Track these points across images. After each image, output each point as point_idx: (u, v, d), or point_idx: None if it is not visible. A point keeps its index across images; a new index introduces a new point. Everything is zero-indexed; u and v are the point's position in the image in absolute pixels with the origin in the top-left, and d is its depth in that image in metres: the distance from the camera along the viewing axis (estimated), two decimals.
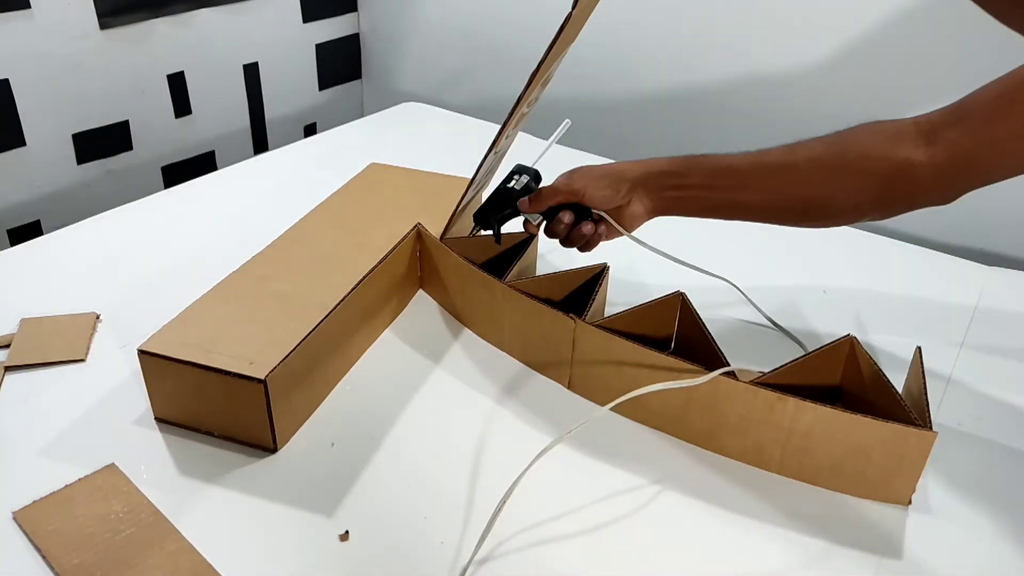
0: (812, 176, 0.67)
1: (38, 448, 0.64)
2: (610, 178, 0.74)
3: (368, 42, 1.64)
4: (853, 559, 0.58)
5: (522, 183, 0.79)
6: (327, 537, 0.58)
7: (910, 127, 0.63)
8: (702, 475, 0.65)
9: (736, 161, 0.71)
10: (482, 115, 1.40)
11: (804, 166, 0.67)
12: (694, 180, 0.72)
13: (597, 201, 0.74)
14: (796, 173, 0.68)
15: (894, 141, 0.63)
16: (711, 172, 0.72)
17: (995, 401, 0.74)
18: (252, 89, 1.46)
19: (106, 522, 0.57)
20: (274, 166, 1.19)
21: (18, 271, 0.89)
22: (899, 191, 0.64)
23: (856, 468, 0.62)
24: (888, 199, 0.65)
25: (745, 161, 0.70)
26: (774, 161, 0.69)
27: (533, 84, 0.72)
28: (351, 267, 0.76)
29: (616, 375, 0.69)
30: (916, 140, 0.62)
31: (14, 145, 1.15)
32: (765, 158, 0.69)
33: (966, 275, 0.95)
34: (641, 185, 0.74)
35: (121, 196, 1.10)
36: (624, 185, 0.74)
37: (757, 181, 0.70)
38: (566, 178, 0.76)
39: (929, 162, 0.61)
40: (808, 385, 0.65)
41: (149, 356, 0.64)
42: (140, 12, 1.24)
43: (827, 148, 0.67)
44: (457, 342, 0.80)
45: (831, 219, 0.70)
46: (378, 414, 0.70)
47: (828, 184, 0.67)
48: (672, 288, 0.73)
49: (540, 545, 0.58)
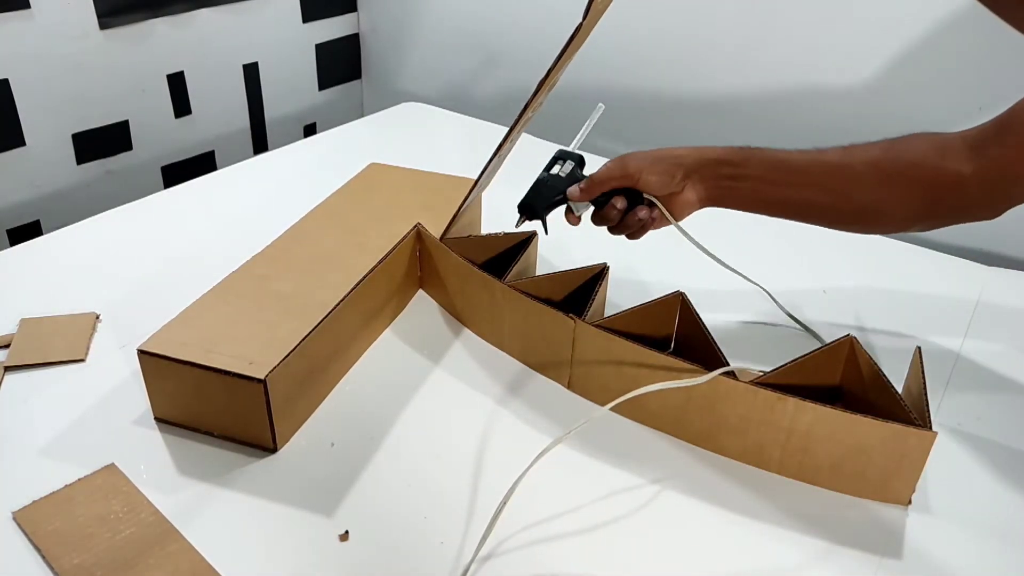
0: (867, 180, 0.66)
1: (38, 448, 0.64)
2: (666, 163, 0.72)
3: (368, 42, 1.64)
4: (853, 559, 0.58)
5: (567, 169, 0.75)
6: (327, 537, 0.58)
7: (957, 140, 0.63)
8: (702, 475, 0.65)
9: (793, 157, 0.69)
10: (482, 115, 1.40)
11: (860, 169, 0.66)
12: (750, 171, 0.70)
13: (652, 186, 0.72)
14: (852, 175, 0.67)
15: (942, 154, 0.63)
16: (768, 165, 0.70)
17: (995, 401, 0.74)
18: (252, 89, 1.46)
19: (106, 522, 0.57)
20: (274, 166, 1.19)
21: (18, 271, 0.89)
22: (947, 203, 0.64)
23: (856, 468, 0.62)
24: (937, 210, 0.65)
25: (803, 158, 0.69)
26: (832, 161, 0.68)
27: (541, 90, 0.72)
28: (351, 267, 0.76)
29: (616, 375, 0.69)
30: (963, 153, 0.62)
31: (14, 145, 1.15)
32: (823, 157, 0.68)
33: (966, 275, 0.95)
34: (696, 172, 0.72)
35: (121, 196, 1.10)
36: (680, 171, 0.71)
37: (814, 179, 0.68)
38: (619, 163, 0.73)
39: (975, 175, 0.61)
40: (808, 385, 0.65)
41: (149, 356, 0.64)
42: (140, 12, 1.24)
43: (882, 153, 0.66)
44: (457, 342, 0.80)
45: (882, 226, 0.69)
46: (378, 414, 0.70)
47: (881, 190, 0.66)
48: (672, 288, 0.73)
49: (541, 545, 0.58)
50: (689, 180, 0.72)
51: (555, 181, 0.75)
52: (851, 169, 0.67)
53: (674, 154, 0.72)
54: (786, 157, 0.70)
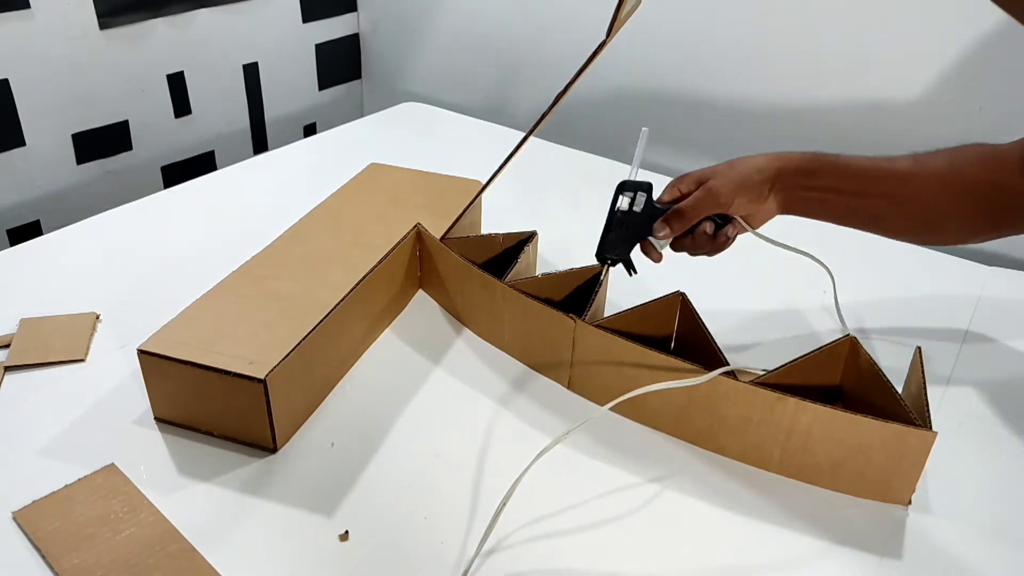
0: (935, 193, 0.66)
1: (38, 448, 0.64)
2: (751, 183, 0.70)
3: (368, 42, 1.64)
4: (853, 559, 0.58)
5: (640, 203, 0.71)
6: (327, 537, 0.58)
7: (1012, 153, 0.63)
8: (702, 475, 0.65)
9: (865, 166, 0.68)
10: (482, 115, 1.40)
11: (930, 181, 0.66)
12: (824, 182, 0.69)
13: (742, 208, 0.70)
14: (922, 187, 0.66)
15: (1000, 166, 0.63)
16: (841, 174, 0.69)
17: (995, 401, 0.74)
18: (252, 89, 1.46)
19: (106, 522, 0.57)
20: (274, 166, 1.19)
21: (18, 271, 0.89)
22: (1007, 217, 0.64)
23: (856, 468, 0.62)
24: (997, 222, 0.65)
25: (874, 167, 0.68)
26: (903, 170, 0.67)
27: (556, 104, 0.72)
28: (351, 267, 0.76)
29: (616, 375, 0.69)
30: (1018, 167, 0.62)
31: (14, 145, 1.15)
32: (894, 166, 0.67)
33: (966, 275, 0.95)
34: (777, 182, 0.70)
35: (121, 196, 1.10)
36: (765, 187, 0.70)
37: (886, 190, 0.68)
38: (706, 193, 0.69)
39: None
40: (808, 385, 0.65)
41: (149, 356, 0.64)
42: (140, 12, 1.23)
43: (946, 165, 0.66)
44: (457, 342, 0.80)
45: (949, 236, 0.69)
46: (378, 414, 0.70)
47: (947, 203, 0.66)
48: (672, 288, 0.73)
49: (542, 544, 0.58)
50: (772, 192, 0.71)
51: (631, 218, 0.71)
52: (921, 180, 0.66)
53: (755, 168, 0.70)
54: (859, 166, 0.69)
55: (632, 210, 0.71)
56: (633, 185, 0.72)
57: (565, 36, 1.35)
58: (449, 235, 0.84)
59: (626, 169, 0.74)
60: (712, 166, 0.72)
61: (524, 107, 1.45)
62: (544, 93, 0.80)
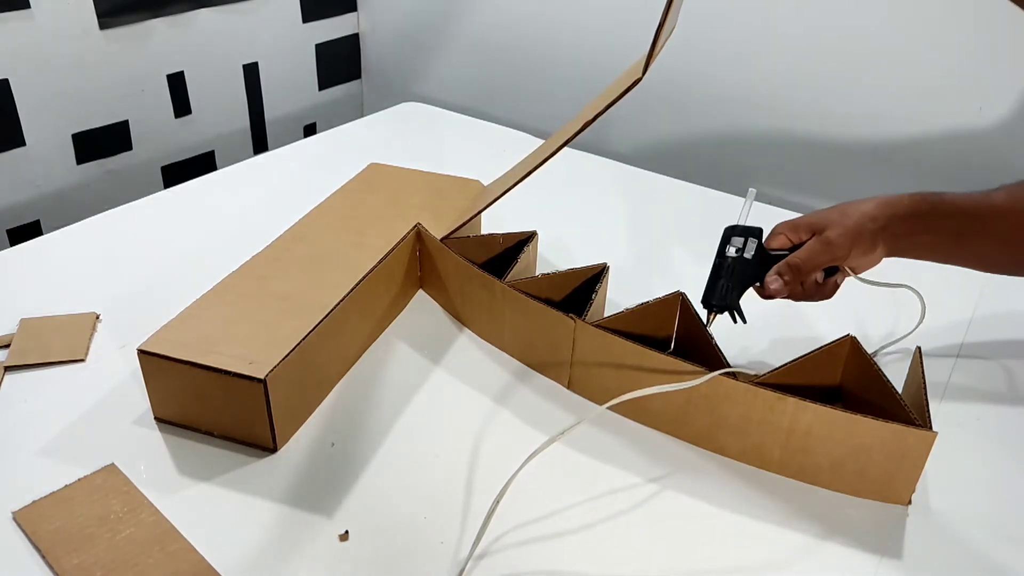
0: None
1: (38, 448, 0.64)
2: (866, 232, 0.68)
3: (368, 42, 1.64)
4: (853, 559, 0.58)
5: (751, 250, 0.69)
6: (327, 537, 0.58)
7: None
8: (702, 475, 0.65)
9: (966, 204, 0.68)
10: (482, 115, 1.40)
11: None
12: (931, 224, 0.68)
13: (856, 260, 0.69)
14: (1017, 221, 0.66)
15: None
16: (945, 215, 0.68)
17: (995, 401, 0.74)
18: (252, 89, 1.46)
19: (106, 522, 0.57)
20: (274, 166, 1.19)
21: (18, 271, 0.89)
22: None
23: (856, 468, 0.62)
24: None
25: (974, 204, 0.68)
26: (1000, 205, 0.67)
27: (583, 130, 0.72)
28: (351, 267, 0.76)
29: (616, 375, 0.69)
30: None
31: (14, 145, 1.15)
32: (991, 201, 0.67)
33: (966, 275, 0.95)
34: (888, 230, 0.69)
35: (121, 196, 1.10)
36: (878, 236, 0.68)
37: (988, 228, 0.68)
38: (823, 246, 0.68)
39: None
40: (808, 385, 0.65)
41: (149, 356, 0.64)
42: (140, 12, 1.24)
43: None
44: (457, 342, 0.80)
45: None
46: (378, 414, 0.70)
47: None
48: (671, 288, 0.73)
49: (539, 544, 0.58)
50: (882, 238, 0.69)
51: (740, 266, 0.69)
52: (1015, 216, 0.67)
53: (869, 216, 0.68)
54: (962, 205, 0.68)
55: (743, 257, 0.69)
56: (743, 230, 0.70)
57: (565, 35, 1.35)
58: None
59: (626, 169, 0.75)
60: (822, 212, 0.70)
61: (524, 107, 1.45)
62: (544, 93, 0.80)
